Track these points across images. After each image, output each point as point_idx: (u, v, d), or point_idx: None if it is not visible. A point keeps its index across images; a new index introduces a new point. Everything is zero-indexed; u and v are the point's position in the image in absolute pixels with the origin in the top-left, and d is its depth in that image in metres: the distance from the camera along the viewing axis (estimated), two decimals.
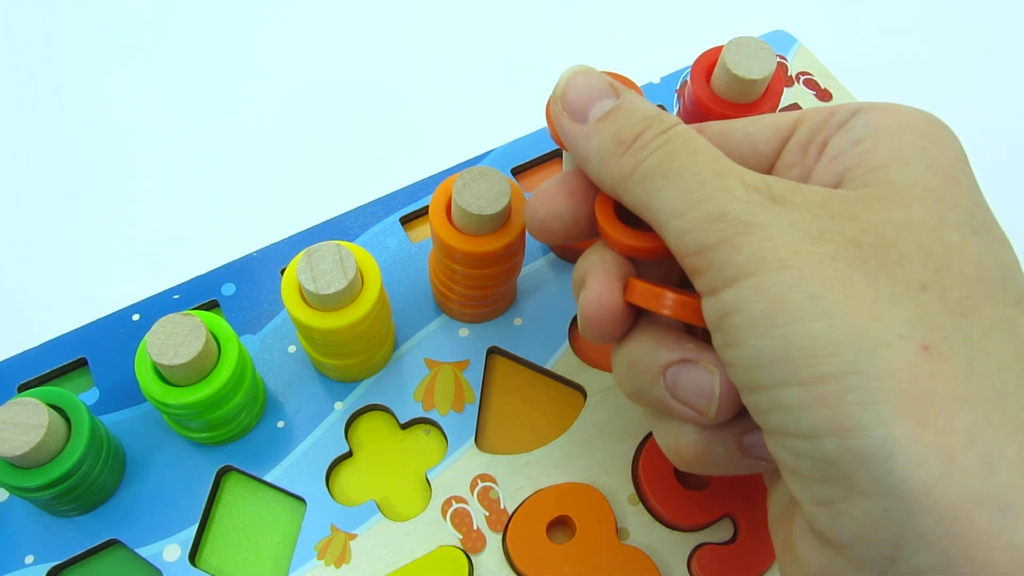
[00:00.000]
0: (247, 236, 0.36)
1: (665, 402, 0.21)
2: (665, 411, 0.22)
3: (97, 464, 0.28)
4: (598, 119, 0.22)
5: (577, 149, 0.22)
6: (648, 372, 0.21)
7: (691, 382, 0.21)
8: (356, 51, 0.45)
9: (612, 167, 0.21)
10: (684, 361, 0.21)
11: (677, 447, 0.22)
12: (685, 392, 0.21)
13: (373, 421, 0.32)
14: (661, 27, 0.46)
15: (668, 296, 0.21)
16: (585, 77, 0.23)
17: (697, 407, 0.21)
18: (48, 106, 0.43)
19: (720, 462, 0.22)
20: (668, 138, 0.21)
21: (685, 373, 0.21)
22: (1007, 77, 0.44)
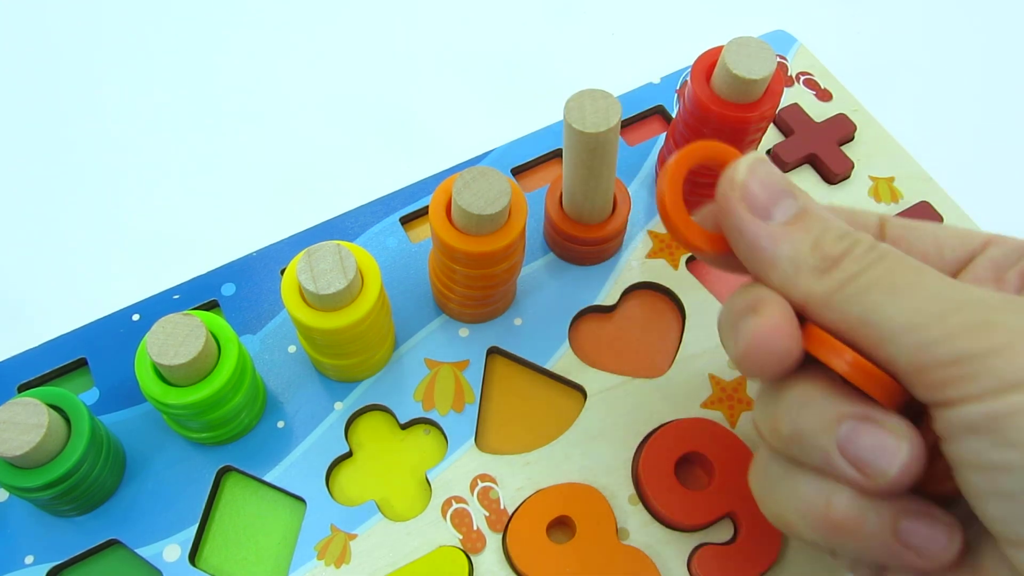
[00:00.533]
0: (247, 236, 0.36)
1: (827, 455, 0.20)
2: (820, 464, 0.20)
3: (97, 464, 0.28)
4: (787, 222, 0.21)
5: (759, 250, 0.21)
6: (820, 418, 0.20)
7: (872, 441, 0.19)
8: (356, 51, 0.45)
9: (812, 281, 0.20)
10: (867, 419, 0.20)
11: (827, 509, 0.20)
12: (860, 450, 0.19)
13: (373, 421, 0.32)
14: (661, 27, 0.46)
15: (849, 354, 0.20)
16: (768, 169, 0.22)
17: (869, 469, 0.19)
18: (48, 107, 0.43)
19: (868, 536, 0.20)
20: (881, 255, 0.20)
21: (866, 431, 0.19)
22: (1007, 77, 0.44)
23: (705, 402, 0.32)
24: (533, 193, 0.36)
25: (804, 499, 0.21)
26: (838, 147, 0.38)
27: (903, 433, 0.19)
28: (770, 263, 0.21)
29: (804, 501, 0.21)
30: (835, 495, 0.20)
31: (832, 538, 0.21)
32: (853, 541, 0.20)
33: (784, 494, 0.22)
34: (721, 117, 0.30)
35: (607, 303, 0.34)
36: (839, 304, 0.20)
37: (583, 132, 0.28)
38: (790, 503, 0.21)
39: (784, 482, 0.22)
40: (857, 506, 0.20)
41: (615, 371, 0.32)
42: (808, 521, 0.21)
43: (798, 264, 0.21)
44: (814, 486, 0.21)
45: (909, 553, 0.20)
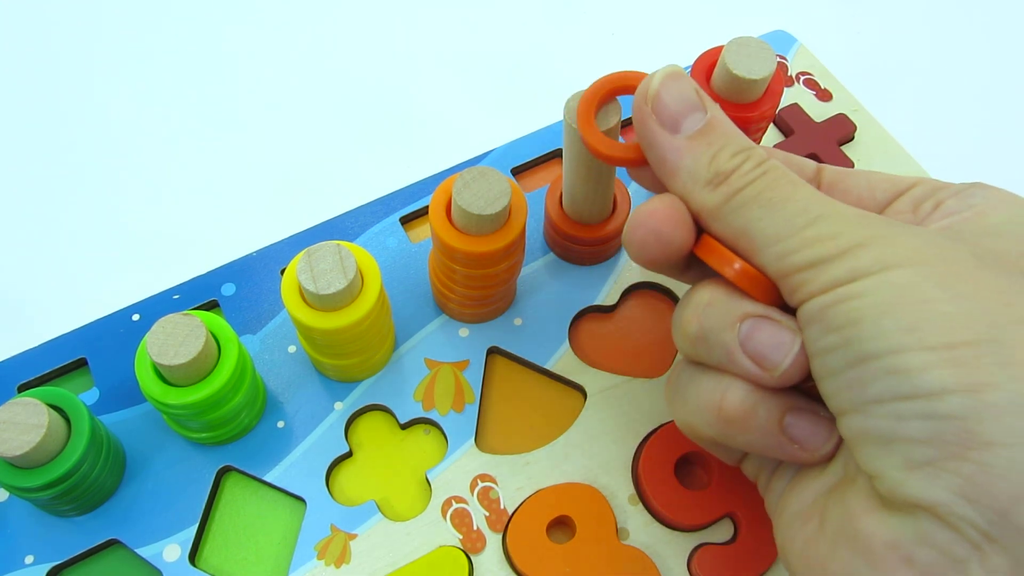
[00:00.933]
0: (247, 236, 0.36)
1: (729, 350, 0.22)
2: (724, 361, 0.22)
3: (97, 464, 0.28)
4: (691, 135, 0.23)
5: (664, 160, 0.23)
6: (724, 316, 0.22)
7: (768, 337, 0.21)
8: (357, 51, 0.45)
9: (704, 194, 0.22)
10: (765, 317, 0.21)
11: (721, 402, 0.22)
12: (758, 345, 0.21)
13: (373, 421, 0.32)
14: (661, 27, 0.46)
15: (738, 262, 0.22)
16: (679, 84, 0.23)
17: (766, 362, 0.21)
18: (48, 107, 0.43)
19: (756, 428, 0.22)
20: (765, 170, 0.22)
21: (764, 327, 0.21)
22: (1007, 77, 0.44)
23: None
24: (533, 193, 0.36)
25: (703, 396, 0.23)
26: (838, 147, 0.38)
27: (795, 329, 0.21)
28: (672, 173, 0.23)
29: (702, 398, 0.23)
30: (729, 390, 0.22)
31: (725, 431, 0.23)
32: (743, 433, 0.22)
33: (688, 395, 0.24)
34: None
35: (607, 303, 0.34)
36: (725, 216, 0.22)
37: None
38: (691, 402, 0.23)
39: (689, 385, 0.24)
40: (749, 400, 0.22)
41: (615, 371, 0.32)
42: (705, 417, 0.23)
43: (695, 177, 0.22)
44: (711, 383, 0.23)
45: (792, 446, 0.22)
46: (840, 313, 0.19)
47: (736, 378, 0.22)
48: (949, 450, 0.18)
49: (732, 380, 0.22)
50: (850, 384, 0.19)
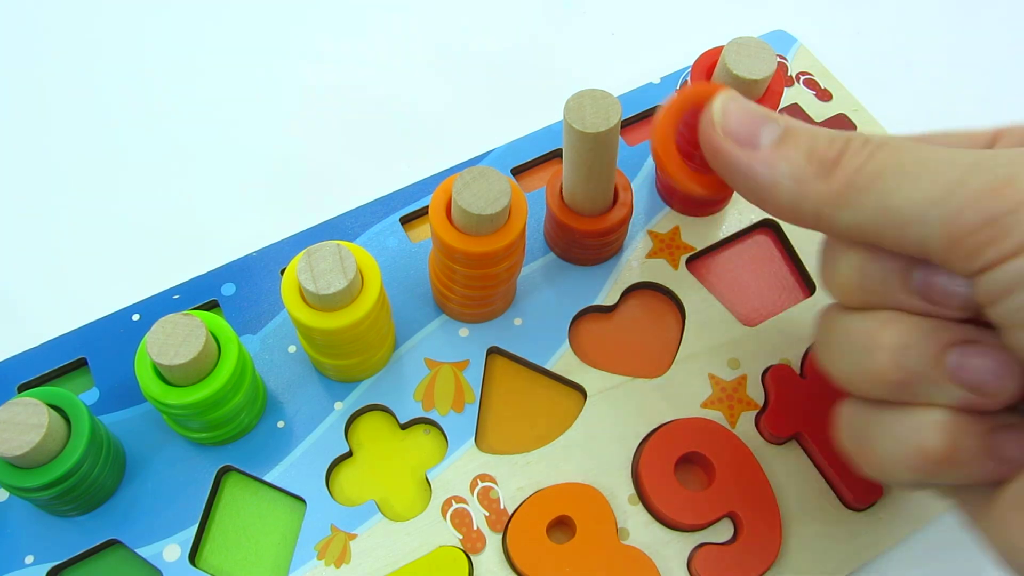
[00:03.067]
0: (247, 236, 0.36)
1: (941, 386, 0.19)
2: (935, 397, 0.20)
3: (97, 464, 0.28)
4: (774, 144, 0.21)
5: (756, 178, 0.21)
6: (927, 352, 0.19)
7: (984, 361, 0.19)
8: (356, 51, 0.45)
9: (817, 186, 0.20)
10: (971, 341, 0.19)
11: (922, 445, 0.20)
12: (975, 372, 0.19)
13: (373, 421, 0.32)
14: (661, 27, 0.46)
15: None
16: (739, 102, 0.22)
17: (987, 389, 0.19)
18: (47, 105, 0.43)
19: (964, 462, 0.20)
20: (880, 144, 0.20)
21: (975, 352, 0.19)
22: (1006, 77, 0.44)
23: (705, 402, 0.32)
24: (533, 193, 0.36)
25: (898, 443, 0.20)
26: None
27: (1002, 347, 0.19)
28: (772, 187, 0.21)
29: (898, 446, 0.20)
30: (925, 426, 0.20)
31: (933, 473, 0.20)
32: (952, 470, 0.20)
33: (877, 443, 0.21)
34: None
35: (607, 303, 0.34)
36: (853, 200, 0.19)
37: (583, 132, 0.28)
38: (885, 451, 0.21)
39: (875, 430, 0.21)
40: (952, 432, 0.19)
41: (615, 371, 0.32)
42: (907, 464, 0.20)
43: (800, 177, 0.20)
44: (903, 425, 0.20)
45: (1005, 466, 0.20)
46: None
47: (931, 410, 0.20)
48: None
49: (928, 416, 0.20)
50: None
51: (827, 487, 0.30)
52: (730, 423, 0.31)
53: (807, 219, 0.21)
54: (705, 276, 0.35)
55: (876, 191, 0.19)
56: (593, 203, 0.32)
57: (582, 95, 0.28)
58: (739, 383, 0.32)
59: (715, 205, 0.36)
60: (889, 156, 0.19)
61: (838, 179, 0.20)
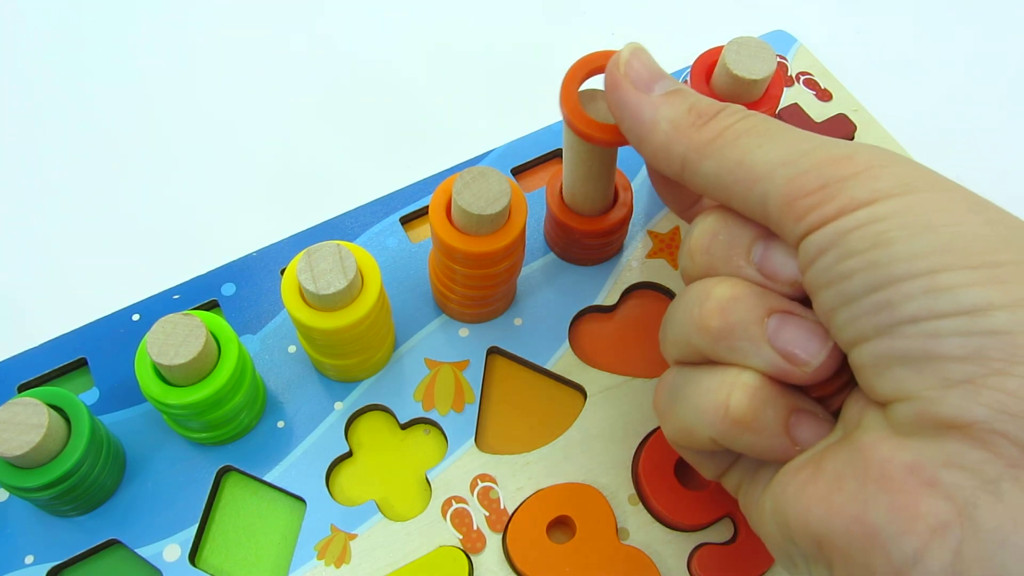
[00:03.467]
0: (247, 236, 0.36)
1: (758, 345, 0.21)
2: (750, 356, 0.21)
3: (97, 464, 0.28)
4: (666, 92, 0.23)
5: (641, 116, 0.23)
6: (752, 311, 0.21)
7: (800, 331, 0.21)
8: (356, 51, 0.45)
9: (690, 134, 0.22)
10: (793, 313, 0.21)
11: (727, 401, 0.21)
12: (790, 340, 0.21)
13: (373, 421, 0.32)
14: (661, 27, 0.46)
15: None
16: (646, 55, 0.24)
17: (797, 359, 0.21)
18: (47, 106, 0.43)
19: (762, 429, 0.21)
20: (751, 114, 0.22)
21: (794, 322, 0.21)
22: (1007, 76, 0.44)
23: None
24: (533, 193, 0.36)
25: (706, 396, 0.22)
26: None
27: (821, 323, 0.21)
28: (651, 126, 0.23)
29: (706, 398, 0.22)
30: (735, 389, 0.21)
31: (729, 432, 0.21)
32: (748, 434, 0.21)
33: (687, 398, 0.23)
34: None
35: (607, 303, 0.34)
36: (718, 150, 0.22)
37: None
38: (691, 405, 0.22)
39: (687, 387, 0.23)
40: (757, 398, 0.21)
41: (615, 371, 0.32)
42: (707, 418, 0.22)
43: (677, 123, 0.23)
44: (716, 382, 0.22)
45: (795, 448, 0.21)
46: (864, 236, 0.19)
47: (745, 372, 0.21)
48: (992, 366, 0.17)
49: (738, 377, 0.21)
50: (876, 308, 0.19)
51: None
52: None
53: (674, 163, 0.23)
54: None
55: (738, 146, 0.21)
56: (593, 203, 0.32)
57: (582, 95, 0.28)
58: None
59: None
60: (758, 122, 0.22)
61: (710, 130, 0.22)
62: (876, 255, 0.19)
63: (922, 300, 0.18)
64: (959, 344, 0.17)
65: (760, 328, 0.21)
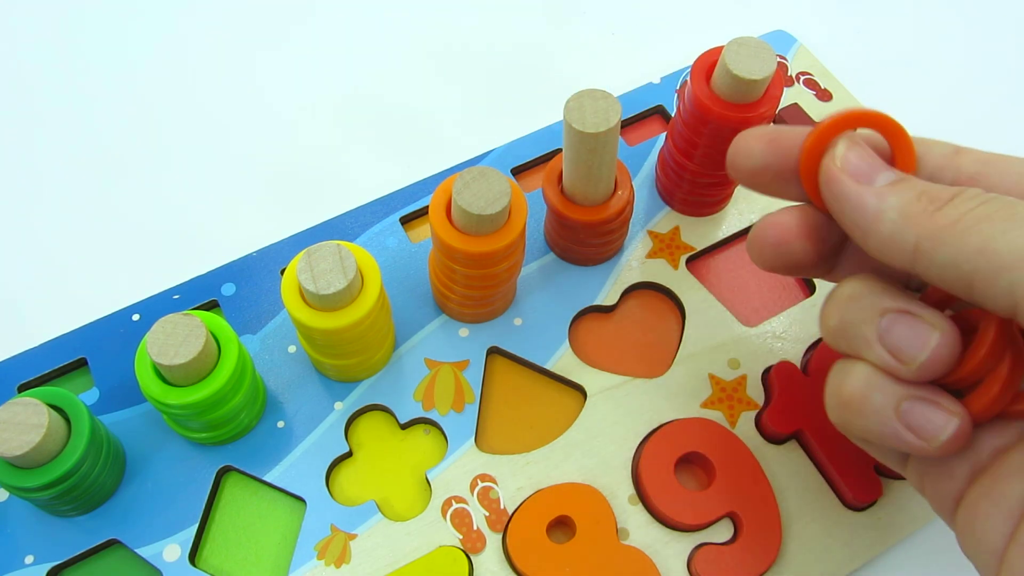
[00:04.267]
0: (247, 236, 0.36)
1: (868, 342, 0.22)
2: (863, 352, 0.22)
3: (97, 464, 0.28)
4: (890, 183, 0.22)
5: (864, 207, 0.22)
6: (866, 310, 0.22)
7: (907, 331, 0.21)
8: (356, 51, 0.45)
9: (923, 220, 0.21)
10: (906, 312, 0.21)
11: (841, 383, 0.22)
12: (897, 339, 0.21)
13: (373, 421, 0.32)
14: (661, 27, 0.46)
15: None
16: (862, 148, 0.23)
17: (902, 355, 0.21)
18: (47, 105, 0.43)
19: (872, 412, 0.22)
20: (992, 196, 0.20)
21: (904, 322, 0.21)
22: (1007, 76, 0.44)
23: (705, 402, 0.32)
24: (533, 193, 0.36)
25: (830, 381, 0.23)
26: None
27: (936, 323, 0.21)
28: (876, 216, 0.22)
29: (830, 383, 0.23)
30: (850, 373, 0.22)
31: (843, 415, 0.23)
32: (859, 418, 0.22)
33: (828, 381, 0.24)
34: (721, 117, 0.30)
35: (607, 303, 0.34)
36: (955, 237, 0.20)
37: (583, 132, 0.28)
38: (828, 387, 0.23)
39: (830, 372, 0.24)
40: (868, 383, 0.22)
41: (615, 371, 0.32)
42: (830, 401, 0.23)
43: (907, 210, 0.21)
44: (839, 368, 0.23)
45: (908, 434, 0.21)
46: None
47: (859, 362, 0.22)
48: None
49: (855, 364, 0.22)
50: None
51: (827, 487, 0.30)
52: (730, 423, 0.31)
53: (904, 253, 0.21)
54: (705, 276, 0.35)
55: (980, 232, 0.20)
56: (595, 195, 0.31)
57: (582, 95, 0.28)
58: (739, 383, 0.32)
59: (715, 206, 0.36)
60: (1002, 206, 0.20)
61: (945, 215, 0.20)
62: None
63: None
64: None
65: (872, 327, 0.22)
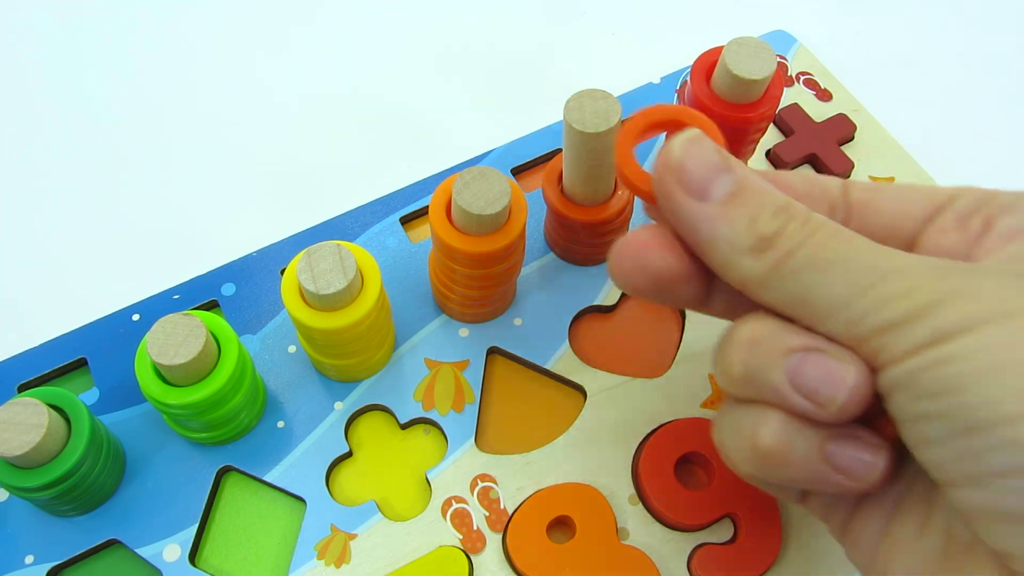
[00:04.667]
0: (247, 236, 0.36)
1: (779, 389, 0.20)
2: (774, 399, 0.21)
3: (97, 464, 0.28)
4: (723, 200, 0.21)
5: (698, 232, 0.21)
6: (770, 352, 0.20)
7: (819, 371, 0.20)
8: (356, 51, 0.45)
9: (749, 263, 0.21)
10: (814, 350, 0.20)
11: (754, 437, 0.21)
12: (809, 380, 0.20)
13: (373, 421, 0.32)
14: (661, 27, 0.46)
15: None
16: (701, 147, 0.22)
17: (818, 398, 0.20)
18: (47, 105, 0.43)
19: (796, 463, 0.20)
20: (813, 229, 0.20)
21: (813, 361, 0.20)
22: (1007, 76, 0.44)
23: (705, 402, 0.32)
24: (533, 193, 0.36)
25: (738, 431, 0.21)
26: (838, 147, 0.38)
27: (848, 359, 0.20)
28: (709, 245, 0.21)
29: (737, 433, 0.21)
30: (762, 424, 0.21)
31: (763, 467, 0.21)
32: (783, 468, 0.21)
33: (725, 431, 0.22)
34: (721, 117, 0.30)
35: (607, 303, 0.34)
36: (777, 285, 0.20)
37: (583, 132, 0.28)
38: (729, 439, 0.22)
39: (727, 419, 0.22)
40: (785, 432, 0.20)
41: (615, 371, 0.32)
42: (742, 454, 0.21)
43: (735, 245, 0.21)
44: (747, 417, 0.21)
45: (839, 476, 0.20)
46: (934, 380, 0.18)
47: (771, 409, 0.21)
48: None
49: (766, 412, 0.21)
50: (961, 455, 0.18)
51: None
52: None
53: (735, 283, 0.21)
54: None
55: (800, 282, 0.20)
56: (595, 195, 0.31)
57: (582, 95, 0.28)
58: None
59: None
60: (817, 247, 0.20)
61: (767, 260, 0.20)
62: (951, 402, 0.18)
63: (1007, 453, 0.17)
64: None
65: (781, 371, 0.20)
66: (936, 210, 0.22)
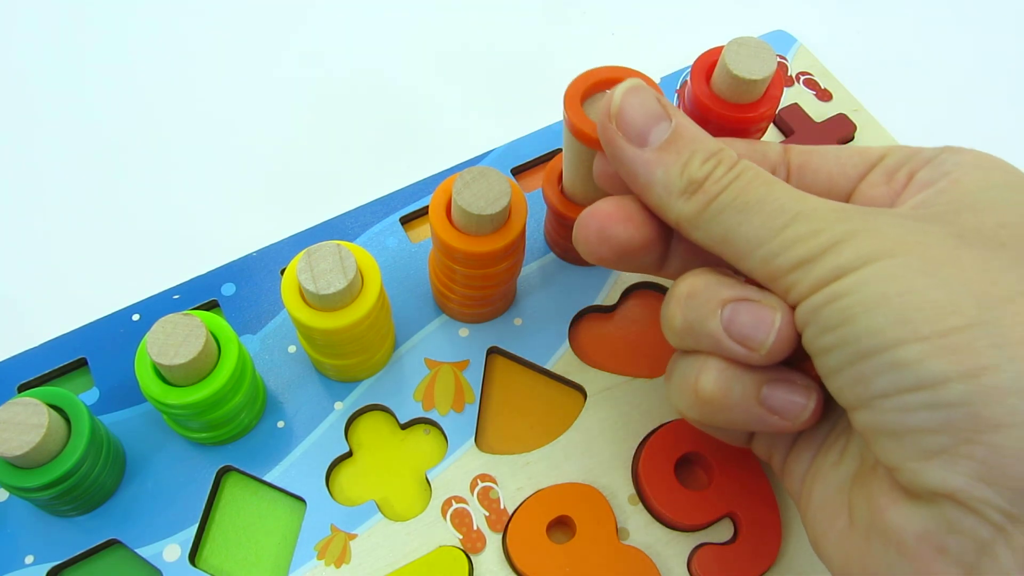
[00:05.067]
0: (247, 236, 0.36)
1: (716, 337, 0.22)
2: (712, 347, 0.22)
3: (97, 464, 0.28)
4: (659, 147, 0.23)
5: (636, 176, 0.23)
6: (706, 304, 0.22)
7: (750, 317, 0.21)
8: (356, 51, 0.45)
9: (680, 204, 0.22)
10: (744, 299, 0.22)
11: (696, 385, 0.23)
12: (741, 327, 0.22)
13: (373, 421, 0.32)
14: (661, 27, 0.46)
15: None
16: (640, 96, 0.23)
17: (750, 343, 0.21)
18: (47, 105, 0.43)
19: (733, 406, 0.22)
20: (738, 173, 0.22)
21: (744, 309, 0.22)
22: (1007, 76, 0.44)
23: None
24: (533, 193, 0.36)
25: (681, 379, 0.23)
26: None
27: (776, 304, 0.21)
28: (646, 187, 0.23)
29: (681, 381, 0.23)
30: (702, 371, 0.22)
31: (703, 412, 0.23)
32: (721, 412, 0.23)
33: (672, 380, 0.24)
34: (721, 117, 0.30)
35: (607, 303, 0.34)
36: (704, 224, 0.22)
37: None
38: (674, 387, 0.24)
39: (674, 370, 0.24)
40: (723, 378, 0.22)
41: (615, 371, 0.32)
42: (685, 400, 0.23)
43: (669, 188, 0.23)
44: (688, 366, 0.23)
45: (773, 417, 0.22)
46: (832, 313, 0.20)
47: (710, 358, 0.22)
48: (960, 436, 0.18)
49: (706, 360, 0.22)
50: (854, 381, 0.20)
51: None
52: None
53: (670, 223, 0.23)
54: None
55: (721, 223, 0.22)
56: (596, 195, 0.31)
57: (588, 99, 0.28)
58: None
59: None
60: (739, 190, 0.22)
61: (696, 202, 0.22)
62: (845, 332, 0.19)
63: (888, 376, 0.19)
64: (927, 417, 0.18)
65: (716, 320, 0.22)
66: (868, 168, 0.24)
